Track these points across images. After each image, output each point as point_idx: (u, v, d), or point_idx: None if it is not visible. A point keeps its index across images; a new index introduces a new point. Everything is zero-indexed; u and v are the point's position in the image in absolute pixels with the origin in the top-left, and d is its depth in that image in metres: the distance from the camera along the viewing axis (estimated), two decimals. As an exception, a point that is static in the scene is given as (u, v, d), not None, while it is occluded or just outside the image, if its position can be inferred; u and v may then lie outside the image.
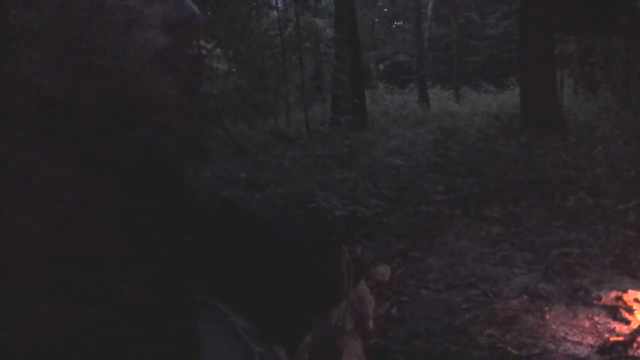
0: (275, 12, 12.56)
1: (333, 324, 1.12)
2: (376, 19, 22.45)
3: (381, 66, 18.96)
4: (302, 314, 1.05)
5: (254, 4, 13.15)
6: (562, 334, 2.35)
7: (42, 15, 0.61)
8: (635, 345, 2.18)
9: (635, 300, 2.46)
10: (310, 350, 1.11)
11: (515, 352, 2.24)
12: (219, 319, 1.01)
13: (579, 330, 2.38)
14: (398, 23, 22.81)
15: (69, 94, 0.64)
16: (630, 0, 4.60)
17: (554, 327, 2.42)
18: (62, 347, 0.60)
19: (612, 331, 2.34)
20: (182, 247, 0.84)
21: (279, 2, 11.64)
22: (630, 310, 2.43)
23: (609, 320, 2.44)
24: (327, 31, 13.49)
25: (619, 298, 2.53)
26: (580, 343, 2.29)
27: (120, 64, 0.62)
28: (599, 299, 2.58)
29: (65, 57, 0.62)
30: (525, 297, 2.73)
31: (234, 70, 13.15)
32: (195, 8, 0.65)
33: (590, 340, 2.30)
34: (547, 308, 2.59)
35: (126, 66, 0.62)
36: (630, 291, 2.53)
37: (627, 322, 2.37)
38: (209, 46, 11.90)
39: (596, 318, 2.46)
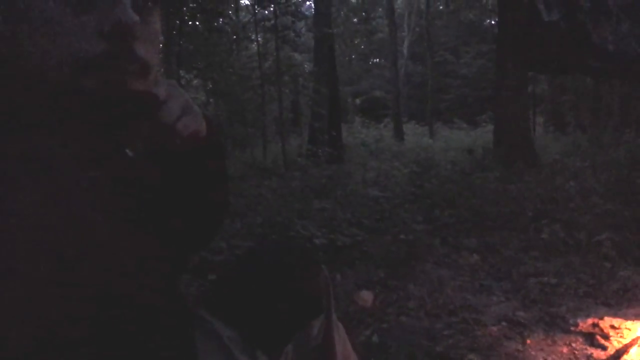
0: (254, 45, 12.73)
1: (313, 335, 1.15)
2: (353, 56, 22.89)
3: (357, 101, 19.26)
4: (284, 325, 1.08)
5: (234, 37, 13.33)
6: (542, 360, 2.39)
7: None
8: (612, 370, 2.22)
9: (611, 326, 2.52)
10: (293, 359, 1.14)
11: (496, 377, 2.26)
12: (204, 327, 1.03)
13: (557, 356, 2.42)
14: (375, 60, 23.28)
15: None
16: (601, 41, 4.80)
17: (533, 353, 2.45)
18: (66, 346, 0.61)
19: (589, 357, 2.38)
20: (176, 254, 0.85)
21: (258, 36, 11.79)
22: (607, 337, 2.48)
23: (586, 346, 2.48)
24: (306, 65, 13.70)
25: (595, 325, 2.58)
26: (559, 368, 2.32)
27: (46, 71, 0.62)
28: (576, 326, 2.63)
29: None
30: (505, 324, 2.77)
31: (211, 100, 13.21)
32: (133, 15, 0.64)
33: (568, 365, 2.34)
34: (526, 334, 2.63)
35: (52, 73, 0.62)
36: (606, 318, 2.58)
37: (604, 348, 2.41)
38: (188, 77, 11.97)
39: (574, 344, 2.51)
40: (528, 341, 2.55)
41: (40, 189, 0.61)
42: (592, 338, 2.51)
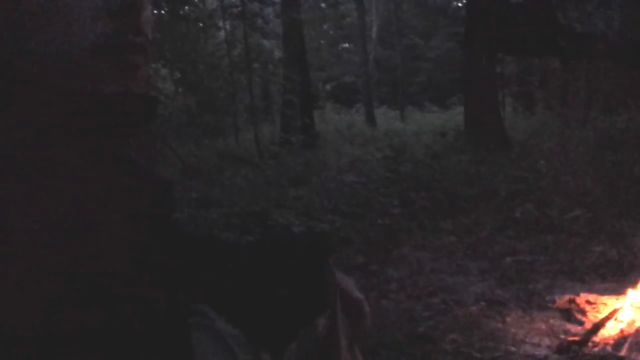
0: (222, 33, 12.57)
1: (319, 332, 1.14)
2: (322, 41, 22.78)
3: (328, 87, 19.24)
4: (288, 322, 1.07)
5: (201, 25, 13.13)
6: (521, 337, 2.44)
7: None
8: (590, 344, 2.28)
9: (587, 302, 2.58)
10: (297, 358, 1.12)
11: (478, 355, 2.30)
12: (205, 325, 1.02)
13: (536, 333, 2.48)
14: (344, 45, 23.22)
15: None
16: (567, 22, 4.86)
17: (512, 330, 2.51)
18: (61, 343, 0.60)
19: (567, 332, 2.45)
20: (173, 255, 0.84)
21: (226, 23, 11.65)
22: (583, 312, 2.55)
23: (564, 322, 2.55)
24: (275, 52, 13.60)
25: (571, 301, 2.64)
26: (538, 344, 2.38)
27: (65, 58, 0.62)
28: (553, 302, 2.69)
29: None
30: (483, 303, 2.82)
31: (180, 90, 13.03)
32: None
33: (547, 341, 2.40)
34: (505, 313, 2.68)
35: (70, 59, 0.62)
36: (582, 294, 2.65)
37: (581, 323, 2.48)
38: (155, 66, 11.76)
39: (551, 321, 2.57)
40: (507, 319, 2.61)
41: (41, 190, 0.60)
42: (569, 314, 2.58)
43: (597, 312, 2.51)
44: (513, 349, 2.34)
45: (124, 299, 0.66)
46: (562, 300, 2.68)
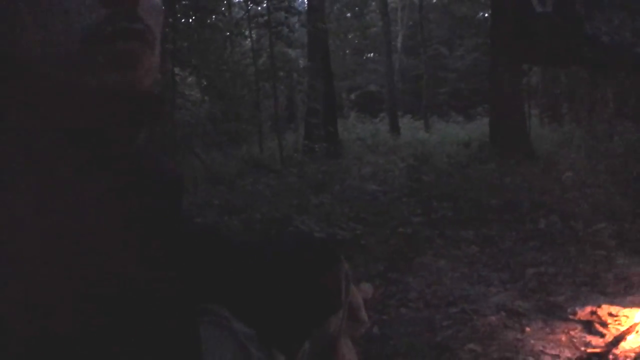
0: (248, 41, 12.72)
1: (331, 331, 1.14)
2: (347, 50, 22.87)
3: (352, 96, 19.30)
4: (301, 322, 1.06)
5: (228, 33, 13.31)
6: (541, 348, 2.41)
7: None
8: (610, 357, 2.25)
9: (609, 314, 2.54)
10: (309, 357, 1.13)
11: (496, 365, 2.29)
12: (220, 324, 1.02)
13: (556, 344, 2.44)
14: (369, 55, 23.27)
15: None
16: (594, 32, 4.82)
17: (532, 341, 2.48)
18: (68, 344, 0.61)
19: (588, 344, 2.41)
20: (182, 254, 0.84)
21: (252, 32, 11.78)
22: (605, 324, 2.51)
23: (585, 334, 2.51)
24: (300, 61, 13.71)
25: (593, 313, 2.60)
26: (558, 356, 2.35)
27: (55, 49, 0.60)
28: (574, 314, 2.65)
29: None
30: (503, 313, 2.79)
31: (206, 98, 13.19)
32: None
33: (567, 353, 2.36)
34: (525, 323, 2.65)
35: (60, 49, 0.60)
36: (604, 306, 2.61)
37: (602, 335, 2.44)
38: (182, 74, 11.94)
39: (572, 332, 2.53)
40: (527, 330, 2.58)
41: (41, 190, 0.60)
42: (590, 326, 2.54)
43: (618, 324, 2.47)
44: (532, 359, 2.32)
45: (129, 297, 0.66)
46: (583, 311, 2.64)
